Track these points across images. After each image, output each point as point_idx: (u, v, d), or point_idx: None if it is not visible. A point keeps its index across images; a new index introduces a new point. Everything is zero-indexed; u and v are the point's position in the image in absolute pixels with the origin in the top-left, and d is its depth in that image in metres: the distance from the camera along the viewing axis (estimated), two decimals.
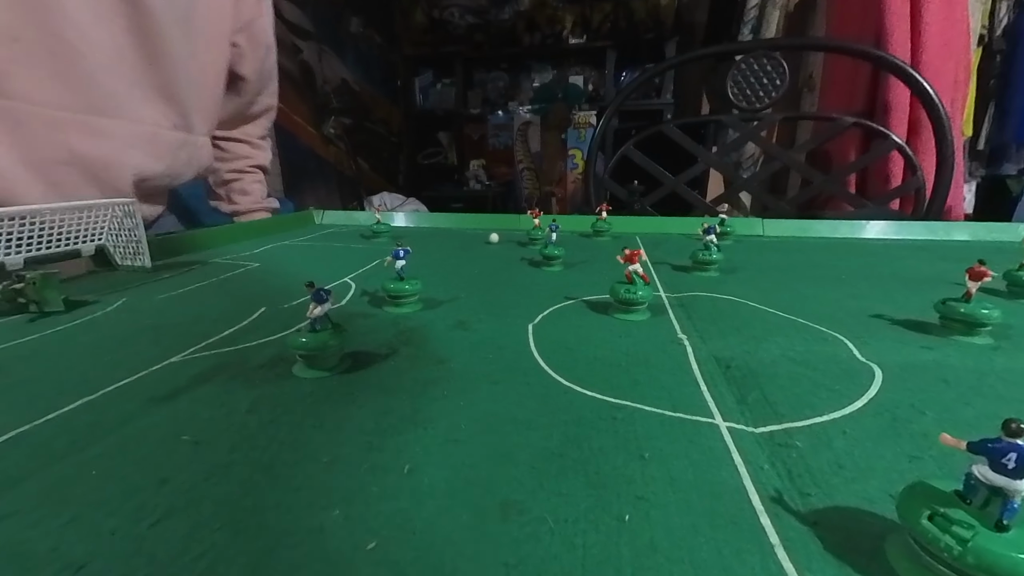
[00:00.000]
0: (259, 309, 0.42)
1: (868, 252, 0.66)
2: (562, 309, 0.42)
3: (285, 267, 0.58)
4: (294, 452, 0.23)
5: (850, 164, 1.23)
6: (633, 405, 0.26)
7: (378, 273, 0.54)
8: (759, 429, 0.24)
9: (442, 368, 0.31)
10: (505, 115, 2.76)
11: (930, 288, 0.47)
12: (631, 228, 0.82)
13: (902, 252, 0.66)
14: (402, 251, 0.42)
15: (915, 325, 0.37)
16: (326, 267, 0.59)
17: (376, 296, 0.45)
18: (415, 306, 0.42)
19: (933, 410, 0.26)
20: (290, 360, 0.31)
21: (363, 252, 0.67)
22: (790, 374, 0.30)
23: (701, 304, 0.44)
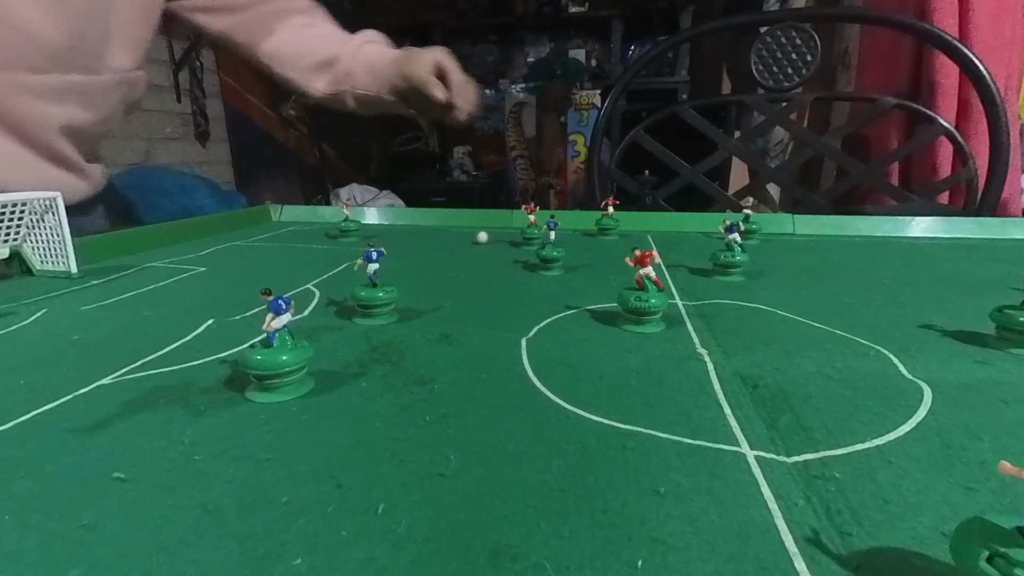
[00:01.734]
0: (206, 322, 0.42)
1: (914, 252, 0.67)
2: (562, 320, 0.43)
3: (237, 272, 0.58)
4: (247, 491, 0.22)
5: (892, 152, 1.25)
6: (646, 432, 0.26)
7: (347, 279, 0.54)
8: (792, 458, 0.24)
9: (423, 390, 0.31)
10: (495, 95, 2.78)
11: (984, 294, 0.47)
12: (642, 225, 0.83)
13: (952, 252, 0.67)
14: (375, 253, 0.42)
15: (968, 336, 0.38)
16: (285, 272, 0.59)
17: (345, 306, 0.45)
18: (390, 317, 0.42)
19: (990, 434, 0.26)
20: (243, 382, 0.31)
21: (329, 254, 0.67)
22: (827, 394, 0.30)
23: (723, 314, 0.44)
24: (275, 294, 0.30)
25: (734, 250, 0.54)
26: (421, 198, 2.34)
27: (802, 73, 1.08)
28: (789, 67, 1.09)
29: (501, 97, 2.72)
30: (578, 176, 2.52)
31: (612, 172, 1.23)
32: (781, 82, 1.10)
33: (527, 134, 2.66)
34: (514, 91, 2.68)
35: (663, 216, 0.88)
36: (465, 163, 2.75)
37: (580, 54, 2.62)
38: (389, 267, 0.45)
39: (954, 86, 1.20)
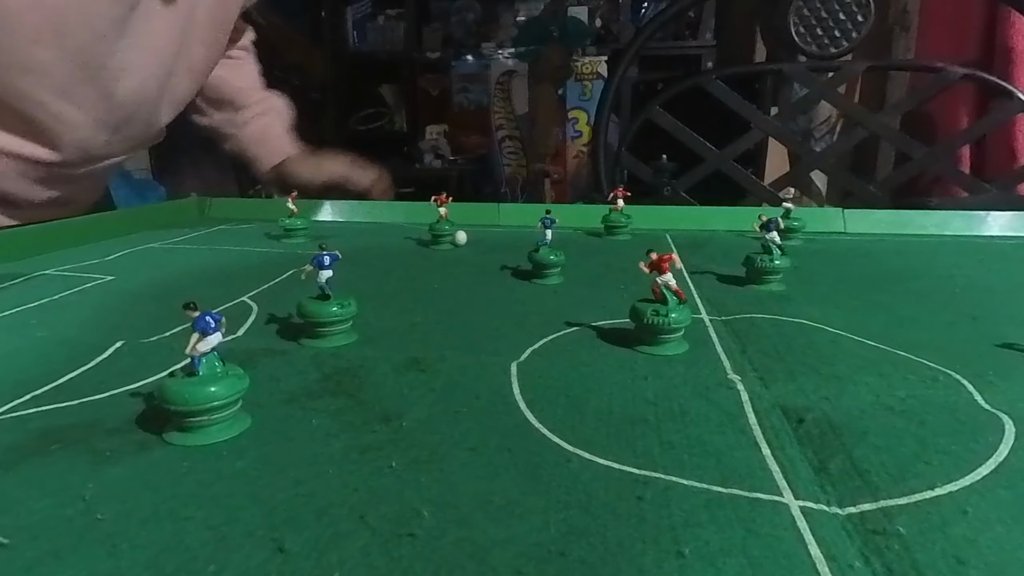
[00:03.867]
0: (114, 344, 0.41)
1: (990, 255, 0.68)
2: (562, 340, 0.43)
3: (153, 281, 0.58)
4: (165, 560, 0.22)
5: (962, 133, 1.28)
6: (666, 478, 0.26)
7: (292, 289, 0.54)
8: (846, 510, 0.24)
9: (388, 429, 0.30)
10: (477, 61, 2.80)
11: None
12: (659, 223, 0.84)
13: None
14: (328, 257, 0.41)
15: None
16: (215, 281, 0.58)
17: (290, 323, 0.45)
18: (348, 337, 0.42)
19: None
20: (161, 420, 0.31)
21: (270, 258, 0.67)
22: (888, 430, 0.30)
23: (760, 331, 0.44)
24: (202, 309, 0.30)
25: (772, 253, 0.54)
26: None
27: (852, 37, 1.10)
28: (836, 29, 1.11)
29: (485, 65, 2.74)
30: (580, 162, 2.54)
31: (622, 157, 1.24)
32: (827, 48, 1.12)
33: (517, 110, 2.68)
34: (501, 57, 2.70)
35: (685, 211, 0.89)
36: (440, 146, 2.76)
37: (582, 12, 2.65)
38: (345, 275, 0.45)
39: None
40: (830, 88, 1.20)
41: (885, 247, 0.73)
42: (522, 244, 0.63)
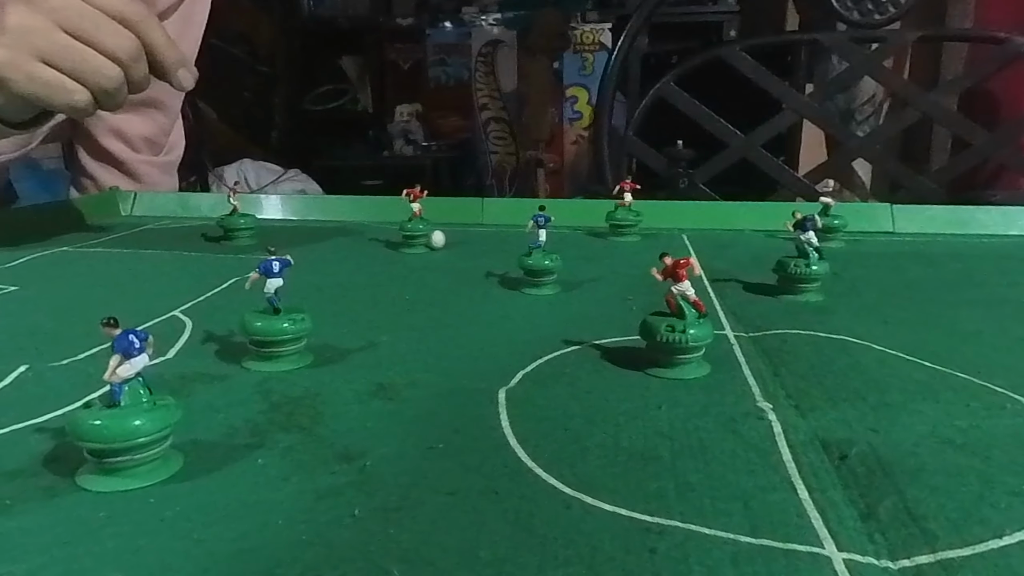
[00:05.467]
0: (15, 368, 0.41)
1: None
2: (559, 361, 0.43)
3: (66, 293, 0.57)
4: None
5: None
6: (684, 527, 0.26)
7: (235, 301, 0.53)
8: (898, 563, 0.24)
9: (350, 469, 0.30)
10: (457, 29, 2.81)
11: None
12: (673, 221, 0.84)
13: None
14: (277, 263, 0.41)
15: None
16: (140, 292, 0.58)
17: (231, 342, 0.45)
18: (300, 360, 0.42)
19: None
20: (74, 460, 0.30)
21: (207, 264, 0.66)
22: (946, 466, 0.31)
23: (795, 349, 0.45)
24: (124, 326, 0.30)
25: (808, 256, 0.55)
26: (347, 180, 2.34)
27: (900, 2, 1.12)
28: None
29: (466, 33, 2.75)
30: (580, 149, 2.55)
31: (630, 143, 1.25)
32: (871, 14, 1.13)
33: (504, 87, 2.69)
34: (484, 24, 2.72)
35: (704, 207, 0.89)
36: (412, 129, 2.76)
37: None
38: (298, 284, 0.45)
39: None
40: (875, 62, 1.21)
41: (941, 249, 0.74)
42: (511, 247, 0.63)
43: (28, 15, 0.57)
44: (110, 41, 0.59)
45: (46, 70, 0.57)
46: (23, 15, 0.57)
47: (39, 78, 0.57)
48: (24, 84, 0.57)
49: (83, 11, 0.58)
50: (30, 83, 0.57)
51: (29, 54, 0.56)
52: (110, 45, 0.59)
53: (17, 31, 0.56)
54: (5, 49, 0.56)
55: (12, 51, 0.56)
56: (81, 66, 0.58)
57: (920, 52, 1.67)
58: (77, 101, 0.58)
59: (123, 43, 0.59)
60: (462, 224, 0.83)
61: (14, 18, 0.57)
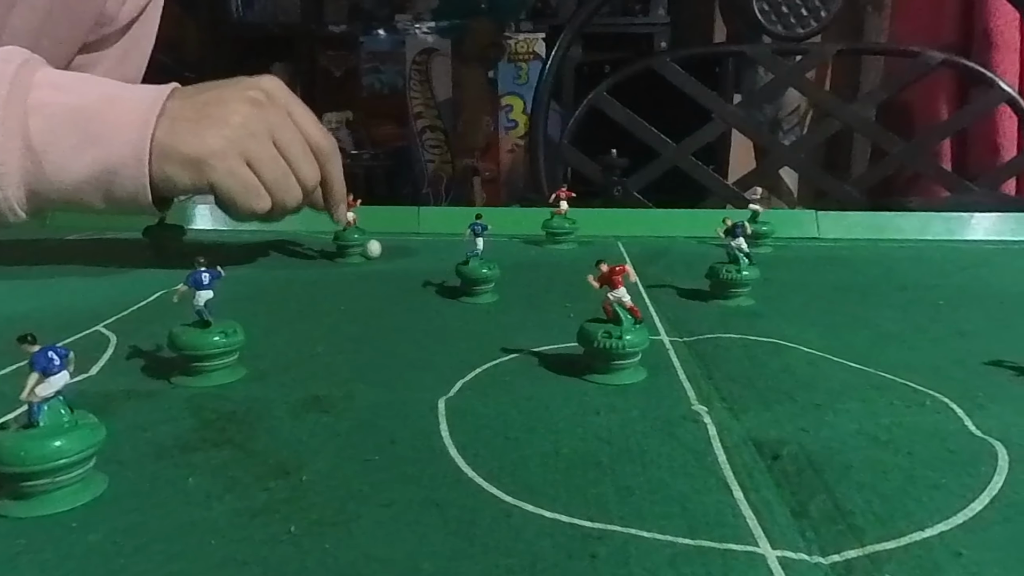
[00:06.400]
0: None
1: (976, 262, 0.73)
2: (498, 370, 0.43)
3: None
4: None
5: (942, 125, 1.37)
6: (624, 531, 0.27)
7: (162, 314, 0.52)
8: (829, 559, 0.25)
9: (285, 485, 0.30)
10: (391, 37, 2.80)
11: None
12: (609, 229, 0.85)
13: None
14: (207, 275, 0.40)
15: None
16: (59, 304, 0.56)
17: (158, 357, 0.43)
18: (233, 373, 0.41)
19: None
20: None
21: (132, 277, 0.64)
22: (872, 463, 0.32)
23: (728, 353, 0.46)
24: (42, 343, 0.29)
25: (739, 262, 0.56)
26: None
27: (820, 16, 1.17)
28: (803, 7, 1.17)
29: (400, 41, 2.74)
30: (515, 157, 2.57)
31: (565, 152, 1.27)
32: (793, 28, 1.18)
33: (439, 95, 2.68)
34: (419, 32, 2.71)
35: (639, 215, 0.91)
36: (343, 137, 2.73)
37: None
38: (229, 295, 0.44)
39: (1014, 38, 1.33)
40: (798, 74, 1.26)
41: (863, 254, 0.77)
42: (448, 255, 0.63)
43: (253, 119, 0.59)
44: (305, 168, 0.62)
45: (248, 172, 0.59)
46: (249, 117, 0.59)
47: (239, 176, 0.59)
48: (222, 176, 0.58)
49: (295, 136, 0.62)
50: (228, 177, 0.58)
51: (240, 153, 0.58)
52: (304, 172, 0.62)
53: (238, 129, 0.58)
54: (223, 140, 0.58)
55: (227, 144, 0.58)
56: (280, 181, 0.61)
57: (840, 65, 1.74)
58: (260, 207, 0.60)
59: (313, 173, 0.63)
60: (398, 233, 0.83)
61: (239, 118, 0.59)
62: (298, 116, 0.63)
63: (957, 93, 1.42)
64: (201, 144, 0.57)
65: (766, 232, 0.77)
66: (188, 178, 0.58)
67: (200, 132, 0.58)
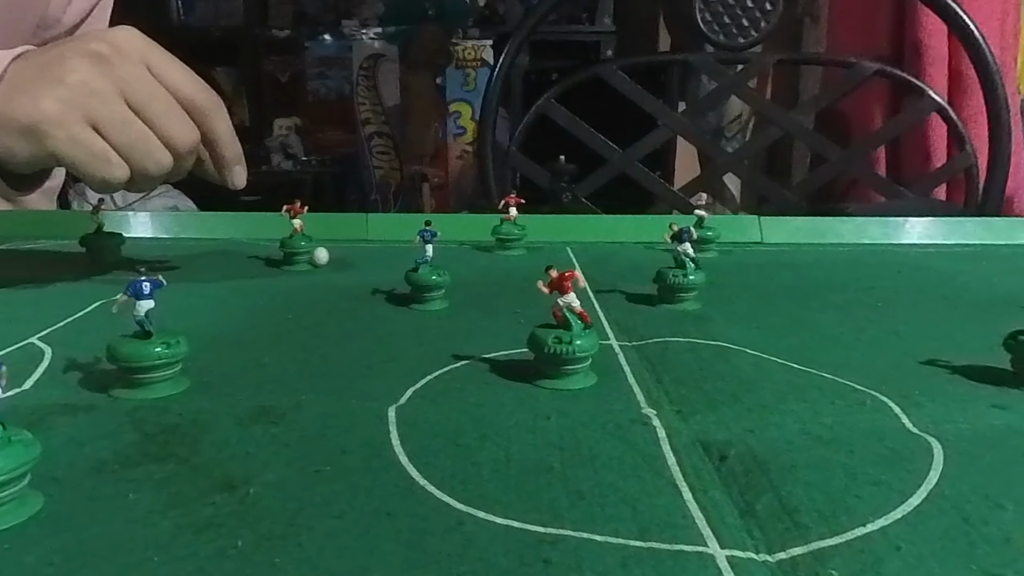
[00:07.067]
0: None
1: (910, 264, 0.76)
2: (448, 376, 0.42)
3: None
4: None
5: (877, 133, 1.42)
6: (576, 535, 0.27)
7: (100, 325, 0.50)
8: (776, 556, 0.26)
9: (232, 499, 0.29)
10: (337, 42, 2.77)
11: (997, 316, 0.54)
12: (558, 235, 0.86)
13: (955, 263, 0.76)
14: (148, 284, 0.39)
15: (981, 373, 0.43)
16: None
17: (97, 370, 0.42)
18: (176, 385, 0.40)
19: (1014, 499, 0.29)
20: None
21: (68, 287, 0.62)
22: (816, 462, 0.33)
23: (676, 356, 0.46)
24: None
25: (686, 267, 0.57)
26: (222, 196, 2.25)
27: (761, 26, 1.20)
28: (744, 18, 1.20)
29: (346, 47, 2.71)
30: (464, 164, 2.57)
31: (513, 158, 1.27)
32: (735, 38, 1.21)
33: (387, 101, 2.67)
34: (365, 38, 2.69)
35: (587, 221, 0.92)
36: (292, 143, 2.69)
37: None
38: (172, 305, 0.43)
39: (942, 49, 1.39)
40: (740, 82, 1.29)
41: (804, 257, 0.79)
42: (397, 262, 0.62)
43: (94, 76, 0.52)
44: (173, 128, 0.54)
45: (94, 137, 0.52)
46: (88, 74, 0.52)
47: (83, 143, 0.52)
48: (64, 144, 0.51)
49: (155, 91, 0.54)
50: (71, 145, 0.51)
51: (82, 116, 0.51)
52: (172, 133, 0.54)
53: (77, 88, 0.51)
54: (58, 103, 0.51)
55: (64, 107, 0.51)
56: (135, 145, 0.53)
57: (780, 74, 1.79)
58: (114, 177, 0.53)
59: (185, 134, 0.55)
60: (346, 240, 0.82)
61: (77, 75, 0.51)
62: (161, 69, 0.55)
63: (890, 102, 1.47)
64: (34, 109, 0.51)
65: (711, 237, 0.79)
66: (27, 149, 0.52)
67: (35, 95, 0.51)
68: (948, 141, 1.37)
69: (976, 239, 0.88)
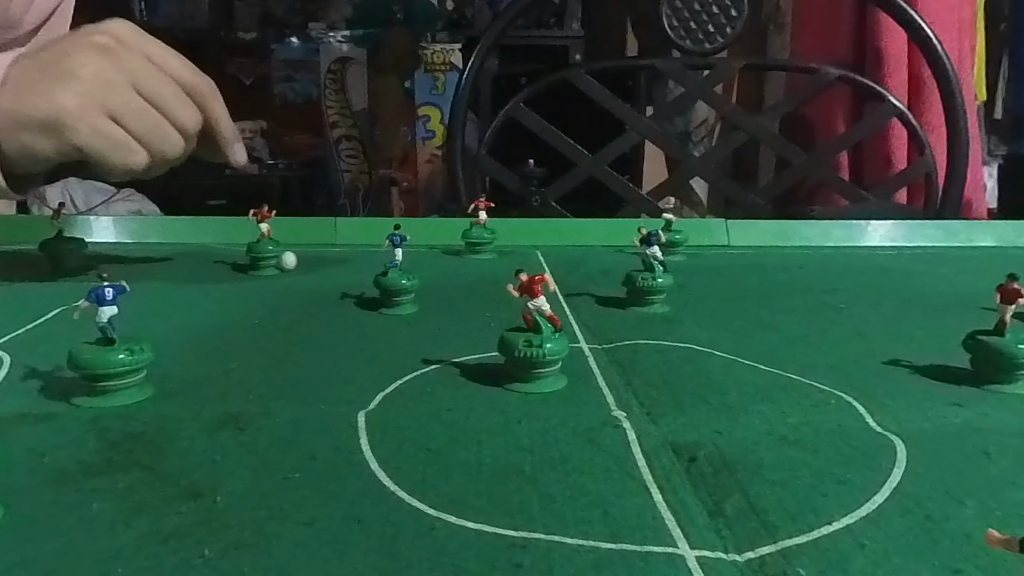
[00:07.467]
0: None
1: (873, 267, 0.77)
2: (419, 381, 0.42)
3: None
4: None
5: (840, 138, 1.44)
6: (547, 539, 0.27)
7: (62, 332, 0.49)
8: (744, 556, 0.26)
9: (198, 507, 0.29)
10: (304, 45, 2.75)
11: (956, 316, 0.56)
12: (528, 238, 0.86)
13: (916, 265, 0.78)
14: (111, 290, 0.39)
15: (942, 372, 0.44)
16: None
17: (58, 378, 0.41)
18: (141, 392, 0.39)
19: (974, 497, 0.30)
20: None
21: (27, 293, 0.61)
22: (783, 462, 0.33)
23: (645, 359, 0.47)
24: None
25: (654, 270, 0.58)
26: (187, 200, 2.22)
27: (727, 32, 1.21)
28: (710, 24, 1.22)
29: (314, 49, 2.70)
30: (433, 168, 2.56)
31: (482, 162, 1.27)
32: (701, 43, 1.22)
33: (355, 105, 2.66)
34: (333, 41, 2.68)
35: (557, 224, 0.92)
36: (257, 147, 2.66)
37: None
38: (135, 312, 0.42)
39: (902, 56, 1.42)
40: (706, 87, 1.31)
41: (770, 260, 0.81)
42: (366, 266, 0.62)
43: (107, 68, 0.54)
44: (181, 112, 0.58)
45: (114, 127, 0.54)
46: (101, 67, 0.54)
47: (105, 133, 0.54)
48: (87, 136, 0.53)
49: (160, 77, 0.57)
50: (94, 136, 0.53)
51: (100, 107, 0.53)
52: (180, 117, 0.58)
53: (91, 81, 0.53)
54: (77, 96, 0.52)
55: (83, 100, 0.53)
56: (152, 131, 0.56)
57: (746, 79, 1.81)
58: (136, 163, 0.56)
59: (190, 116, 0.58)
60: (315, 244, 0.81)
61: (90, 68, 0.53)
62: (160, 58, 0.58)
63: (852, 108, 1.50)
64: (53, 104, 0.52)
65: (679, 240, 0.79)
66: (50, 145, 0.53)
67: (48, 91, 0.53)
68: (908, 146, 1.40)
69: (935, 241, 0.90)
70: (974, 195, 1.48)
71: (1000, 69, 1.74)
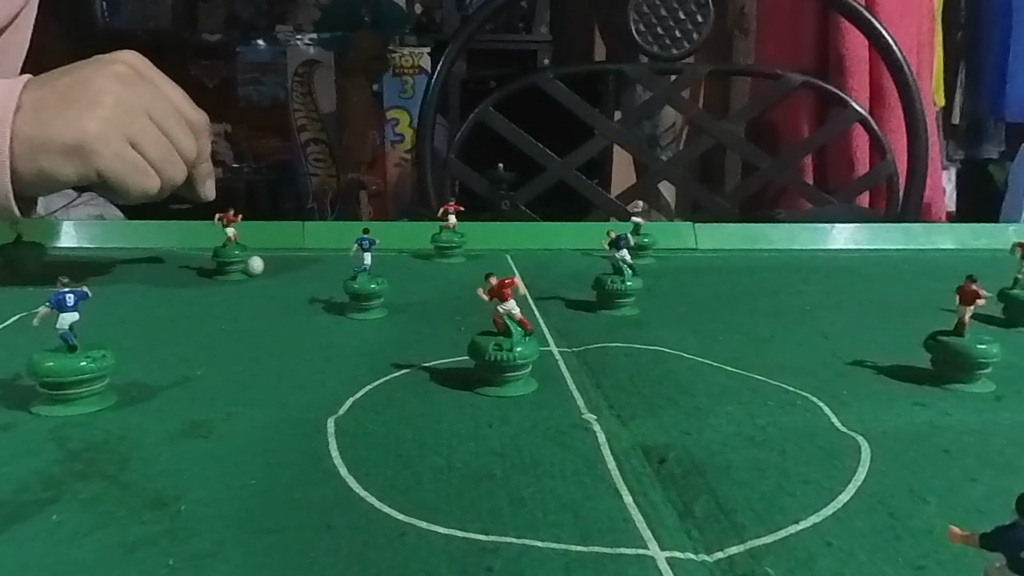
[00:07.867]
0: None
1: (836, 269, 0.79)
2: (388, 386, 0.42)
3: None
4: None
5: (804, 142, 1.47)
6: (518, 542, 0.27)
7: (20, 340, 0.48)
8: (714, 556, 0.26)
9: (163, 516, 0.28)
10: (270, 47, 2.73)
11: (917, 317, 0.57)
12: (498, 242, 0.86)
13: (878, 267, 0.80)
14: (72, 295, 0.38)
15: (904, 372, 0.45)
16: None
17: (16, 385, 0.40)
18: (103, 400, 0.39)
19: (936, 493, 0.31)
20: None
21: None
22: (750, 462, 0.33)
23: (615, 361, 0.47)
24: None
25: (623, 273, 0.58)
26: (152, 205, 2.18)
27: (693, 38, 1.23)
28: (677, 29, 1.23)
29: (280, 52, 2.67)
30: (402, 171, 2.55)
31: (452, 166, 1.27)
32: (668, 48, 1.23)
33: (323, 108, 2.63)
34: (300, 44, 2.65)
35: (526, 228, 0.93)
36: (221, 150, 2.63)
37: None
38: (97, 318, 0.41)
39: (864, 62, 1.45)
40: (673, 92, 1.32)
41: (737, 263, 0.82)
42: (335, 271, 0.62)
43: (127, 96, 0.57)
44: (184, 142, 0.60)
45: (134, 153, 0.57)
46: (122, 95, 0.56)
47: (127, 159, 0.56)
48: (110, 160, 0.55)
49: (168, 109, 0.60)
50: (116, 161, 0.56)
51: (122, 134, 0.56)
52: (184, 146, 0.60)
53: (115, 109, 0.56)
54: (101, 122, 0.55)
55: (106, 126, 0.55)
56: (166, 157, 0.59)
57: (712, 85, 1.84)
58: (151, 187, 0.58)
59: (192, 146, 0.61)
60: (282, 249, 0.80)
61: (112, 96, 0.56)
62: (167, 90, 0.61)
63: (816, 113, 1.53)
64: (78, 129, 0.54)
65: (648, 244, 0.80)
66: (71, 168, 0.55)
67: (73, 117, 0.54)
68: (870, 151, 1.43)
69: (897, 244, 0.92)
70: (934, 199, 1.52)
71: (958, 76, 1.78)
